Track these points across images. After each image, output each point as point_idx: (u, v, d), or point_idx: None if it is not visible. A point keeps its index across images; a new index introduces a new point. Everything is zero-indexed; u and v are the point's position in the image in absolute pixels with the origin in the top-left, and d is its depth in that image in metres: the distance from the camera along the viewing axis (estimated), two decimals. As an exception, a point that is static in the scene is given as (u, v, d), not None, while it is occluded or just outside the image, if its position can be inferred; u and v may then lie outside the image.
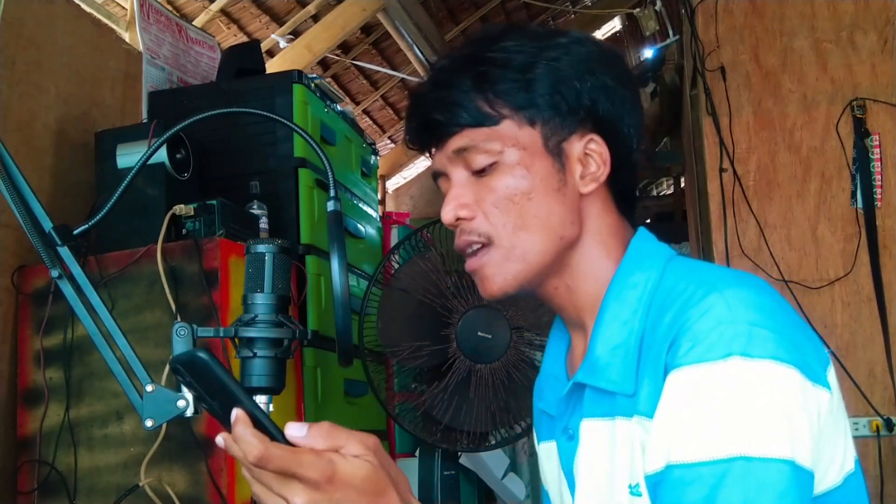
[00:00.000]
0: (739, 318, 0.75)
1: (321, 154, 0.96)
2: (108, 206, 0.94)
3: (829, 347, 2.42)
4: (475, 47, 0.91)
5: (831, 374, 0.81)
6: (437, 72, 0.92)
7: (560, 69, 0.88)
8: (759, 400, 0.73)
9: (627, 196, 0.95)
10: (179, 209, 1.79)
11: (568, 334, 1.00)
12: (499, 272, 0.89)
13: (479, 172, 0.89)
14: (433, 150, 0.94)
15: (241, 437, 0.69)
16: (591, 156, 0.90)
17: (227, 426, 0.74)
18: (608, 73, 0.90)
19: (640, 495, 0.80)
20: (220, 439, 0.73)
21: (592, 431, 0.88)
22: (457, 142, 0.89)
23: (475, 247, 0.90)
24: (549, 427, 1.02)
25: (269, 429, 0.71)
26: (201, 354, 0.71)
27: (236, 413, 0.71)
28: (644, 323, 0.85)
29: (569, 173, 0.90)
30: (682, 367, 0.76)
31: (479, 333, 2.08)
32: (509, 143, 0.88)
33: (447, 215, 0.90)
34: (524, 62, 0.88)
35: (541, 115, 0.88)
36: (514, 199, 0.88)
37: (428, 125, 0.92)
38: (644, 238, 0.93)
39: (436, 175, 0.95)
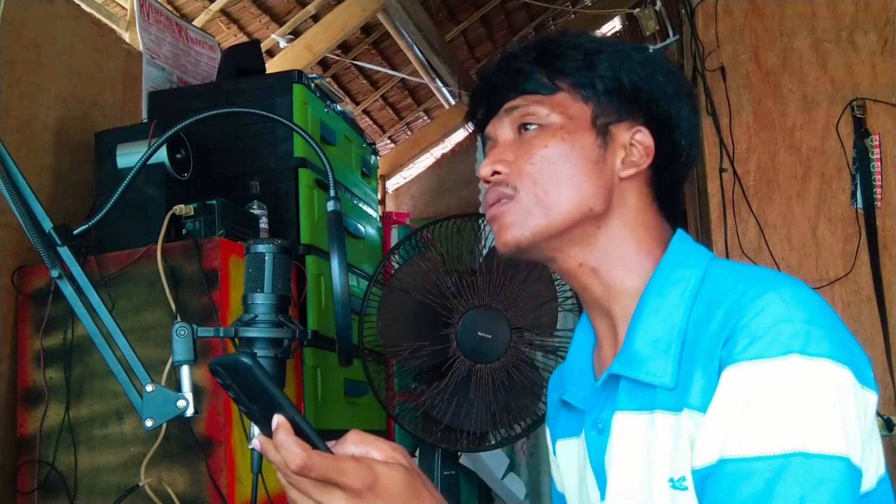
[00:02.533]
0: (797, 317, 0.76)
1: (321, 154, 0.96)
2: (108, 206, 0.94)
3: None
4: (551, 34, 0.98)
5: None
6: (509, 49, 0.97)
7: (625, 60, 0.93)
8: (816, 397, 0.74)
9: (670, 200, 0.97)
10: (179, 209, 1.79)
11: (593, 330, 1.00)
12: (517, 221, 0.91)
13: (524, 131, 0.93)
14: (490, 119, 0.97)
15: (282, 445, 0.70)
16: (635, 145, 0.93)
17: (264, 429, 0.75)
18: (670, 82, 0.94)
19: (685, 489, 0.80)
20: (256, 443, 0.74)
21: (627, 424, 0.87)
22: (508, 106, 0.93)
23: (504, 200, 0.92)
24: (571, 423, 1.00)
25: (309, 436, 0.72)
26: (245, 359, 0.71)
27: (277, 420, 0.72)
28: (687, 319, 0.85)
29: (610, 153, 0.92)
30: (739, 362, 0.76)
31: (479, 333, 2.08)
32: (557, 109, 0.92)
33: (485, 169, 0.93)
34: (592, 47, 0.93)
35: (596, 95, 0.92)
36: (550, 159, 0.90)
37: (489, 90, 0.96)
38: (684, 238, 0.94)
39: (485, 140, 0.98)
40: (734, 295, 0.81)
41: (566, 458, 1.03)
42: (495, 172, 0.92)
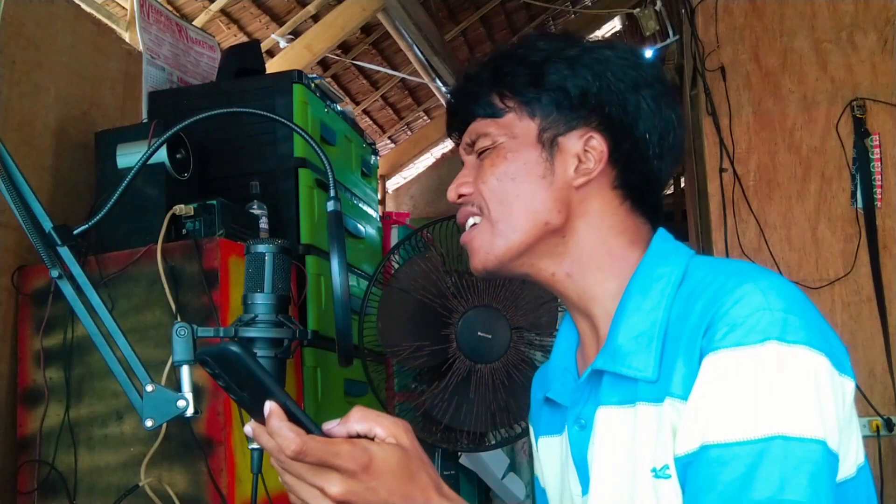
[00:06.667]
0: (775, 306, 0.78)
1: (321, 154, 0.96)
2: (108, 206, 0.94)
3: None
4: (509, 45, 0.99)
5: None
6: (471, 66, 1.01)
7: (573, 67, 0.93)
8: (794, 382, 0.76)
9: (649, 196, 0.97)
10: (179, 209, 1.79)
11: (576, 329, 1.01)
12: (483, 245, 0.95)
13: (480, 157, 0.97)
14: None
15: (277, 431, 0.72)
16: (589, 151, 0.94)
17: (256, 416, 0.76)
18: (626, 78, 0.93)
19: (667, 477, 0.81)
20: (249, 429, 0.75)
21: (610, 418, 0.89)
22: (469, 132, 0.98)
23: (473, 219, 0.97)
24: (554, 420, 1.02)
25: (302, 420, 0.73)
26: (234, 348, 0.72)
27: (270, 406, 0.73)
28: (669, 313, 0.87)
29: (559, 164, 0.93)
30: (719, 350, 0.78)
31: (479, 333, 2.08)
32: (503, 131, 0.95)
33: (450, 193, 0.98)
34: (540, 58, 0.94)
35: (541, 109, 0.94)
36: (499, 178, 0.94)
37: (452, 113, 1.02)
38: (665, 237, 0.96)
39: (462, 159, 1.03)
40: (714, 287, 0.83)
41: (548, 455, 1.05)
42: (461, 195, 0.97)
